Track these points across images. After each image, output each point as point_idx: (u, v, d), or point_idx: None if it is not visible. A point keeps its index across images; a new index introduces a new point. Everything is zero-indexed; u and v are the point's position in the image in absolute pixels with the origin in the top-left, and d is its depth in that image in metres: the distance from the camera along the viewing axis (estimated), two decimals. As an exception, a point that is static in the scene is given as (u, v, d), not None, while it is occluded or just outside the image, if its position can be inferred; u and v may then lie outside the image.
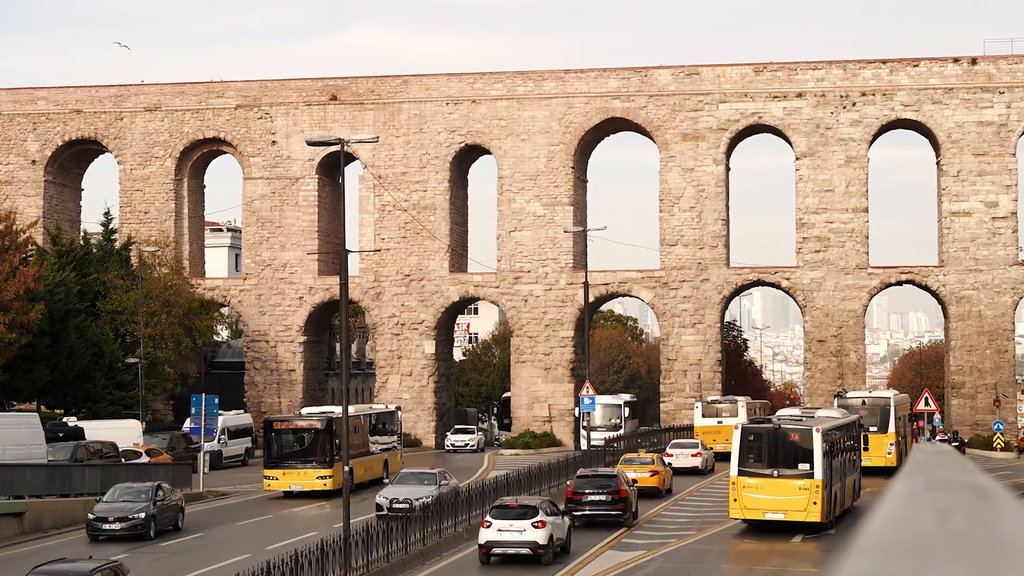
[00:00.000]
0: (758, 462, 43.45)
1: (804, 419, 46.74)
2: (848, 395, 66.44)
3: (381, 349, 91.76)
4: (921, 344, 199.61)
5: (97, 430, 63.05)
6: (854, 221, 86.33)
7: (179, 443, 70.02)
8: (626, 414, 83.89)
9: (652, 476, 54.12)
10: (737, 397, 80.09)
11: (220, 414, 66.38)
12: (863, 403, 63.73)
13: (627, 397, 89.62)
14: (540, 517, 37.47)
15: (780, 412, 52.80)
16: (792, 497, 42.25)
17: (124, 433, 64.13)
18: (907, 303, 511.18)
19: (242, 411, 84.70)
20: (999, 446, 78.94)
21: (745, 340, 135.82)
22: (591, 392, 68.39)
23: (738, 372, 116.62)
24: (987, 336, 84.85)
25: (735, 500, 43.16)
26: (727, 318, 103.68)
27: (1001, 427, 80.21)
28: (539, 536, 37.11)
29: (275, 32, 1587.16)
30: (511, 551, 37.30)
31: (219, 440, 74.12)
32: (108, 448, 57.90)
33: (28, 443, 52.16)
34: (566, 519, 39.67)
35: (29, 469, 49.12)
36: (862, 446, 53.70)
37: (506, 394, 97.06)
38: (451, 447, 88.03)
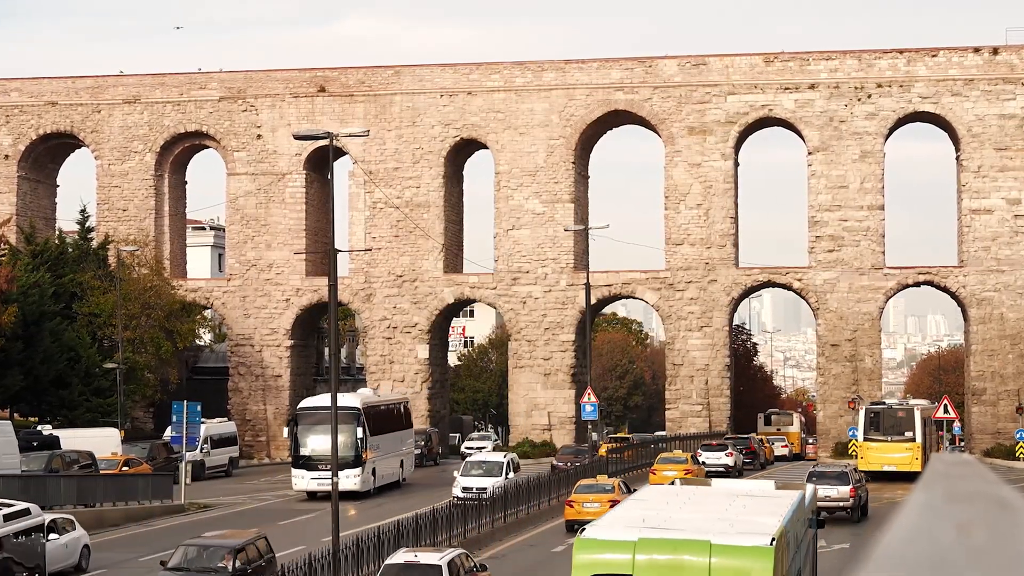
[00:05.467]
0: (876, 431, 66.65)
1: (905, 403, 71.73)
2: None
3: (372, 354, 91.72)
4: (940, 348, 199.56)
5: (73, 439, 62.98)
6: (869, 219, 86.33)
7: (160, 452, 70.00)
8: (360, 433, 59.93)
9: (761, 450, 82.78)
10: (790, 411, 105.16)
11: (203, 422, 66.18)
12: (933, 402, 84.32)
13: (369, 395, 67.18)
14: (730, 450, 70.88)
15: (887, 401, 74.66)
16: (901, 455, 65.21)
17: (102, 442, 64.09)
18: (925, 305, 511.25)
19: (226, 419, 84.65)
20: (1022, 455, 78.96)
21: (755, 344, 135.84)
22: (593, 399, 68.40)
23: (747, 378, 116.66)
24: (1009, 340, 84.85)
25: (861, 458, 66.07)
26: (736, 321, 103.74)
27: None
28: (729, 461, 69.12)
29: (267, 23, 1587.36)
30: (713, 470, 63.57)
31: (201, 449, 74.02)
32: (85, 458, 57.85)
33: (0, 453, 52.10)
34: (742, 455, 72.55)
35: (1, 480, 49.04)
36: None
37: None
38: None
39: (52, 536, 39.38)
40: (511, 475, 56.16)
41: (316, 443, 59.84)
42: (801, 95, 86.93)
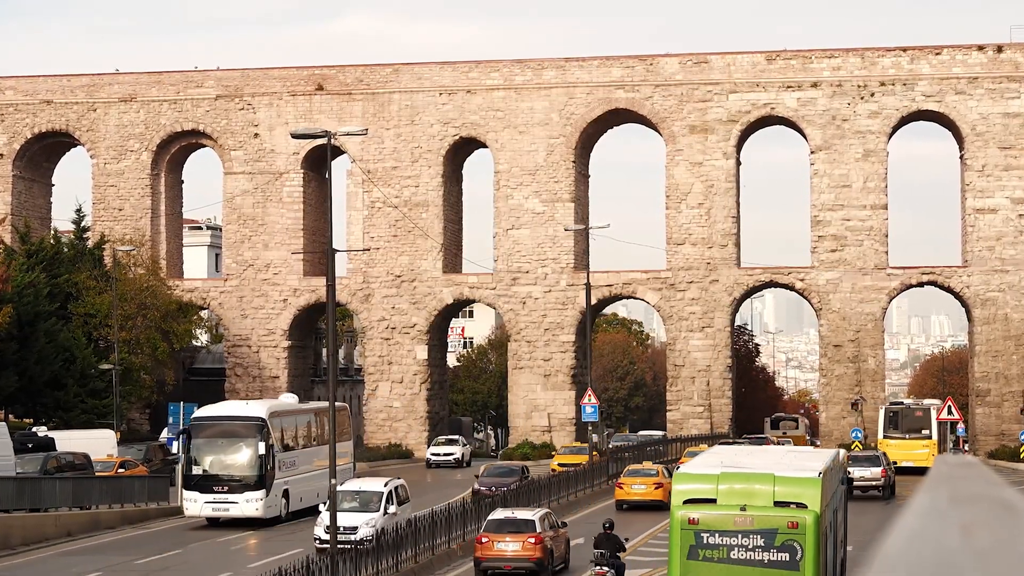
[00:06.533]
0: (895, 429, 72.13)
1: (921, 403, 77.70)
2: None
3: (370, 355, 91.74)
4: (943, 349, 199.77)
5: (69, 440, 62.97)
6: (872, 218, 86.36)
7: (156, 454, 69.93)
8: (263, 449, 51.74)
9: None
10: (795, 415, 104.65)
11: (199, 423, 66.11)
12: None
13: (282, 403, 59.87)
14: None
15: (905, 400, 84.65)
16: (918, 451, 69.58)
17: (98, 444, 64.04)
18: (929, 306, 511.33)
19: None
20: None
21: (757, 345, 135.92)
22: (593, 400, 68.43)
23: (749, 379, 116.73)
24: (1013, 340, 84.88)
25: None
26: (738, 321, 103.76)
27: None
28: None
29: (264, 20, 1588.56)
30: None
31: (198, 451, 73.87)
32: (80, 459, 57.86)
33: (-5, 454, 52.04)
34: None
35: (-4, 482, 49.06)
36: None
37: None
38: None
39: None
40: (393, 509, 44.40)
41: (213, 460, 51.70)
42: (803, 93, 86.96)
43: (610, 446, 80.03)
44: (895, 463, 65.63)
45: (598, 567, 35.40)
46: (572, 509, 55.59)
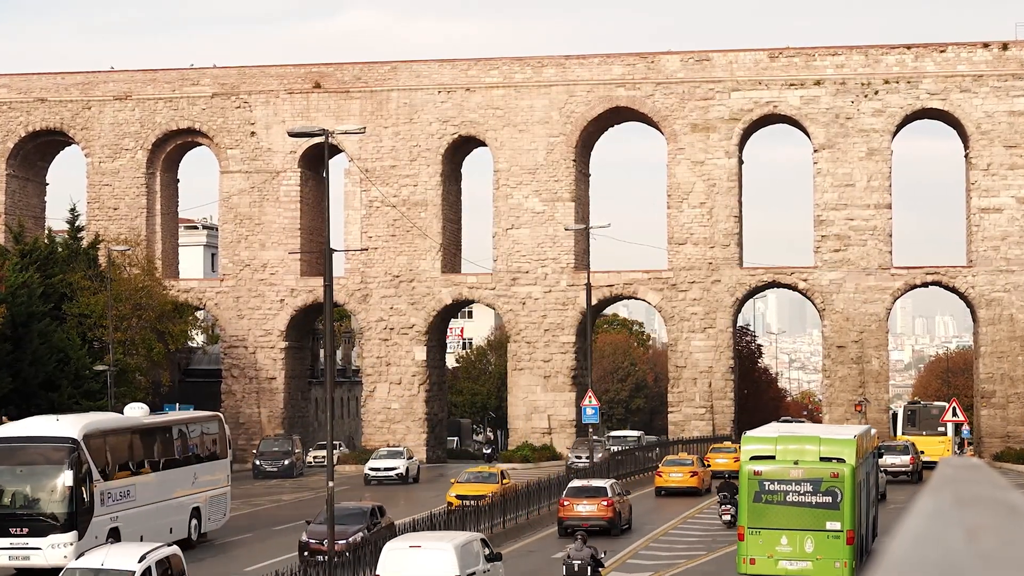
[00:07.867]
0: (913, 427, 78.91)
1: (936, 404, 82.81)
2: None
3: (368, 355, 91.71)
4: (948, 350, 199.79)
5: (63, 443, 62.81)
6: (876, 218, 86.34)
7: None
8: (71, 480, 40.07)
9: None
10: (802, 419, 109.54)
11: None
12: None
13: (116, 417, 50.04)
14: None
15: (922, 400, 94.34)
16: (935, 447, 74.16)
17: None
18: (933, 306, 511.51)
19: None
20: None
21: (759, 346, 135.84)
22: (594, 401, 68.41)
23: (751, 380, 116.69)
24: (1019, 341, 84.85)
25: None
26: (740, 322, 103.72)
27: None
28: None
29: (261, 17, 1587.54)
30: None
31: (194, 453, 73.76)
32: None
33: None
34: None
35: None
36: None
37: None
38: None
39: None
40: None
41: (10, 493, 40.55)
42: (806, 91, 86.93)
43: (570, 461, 71.64)
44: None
45: (723, 505, 48.74)
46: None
